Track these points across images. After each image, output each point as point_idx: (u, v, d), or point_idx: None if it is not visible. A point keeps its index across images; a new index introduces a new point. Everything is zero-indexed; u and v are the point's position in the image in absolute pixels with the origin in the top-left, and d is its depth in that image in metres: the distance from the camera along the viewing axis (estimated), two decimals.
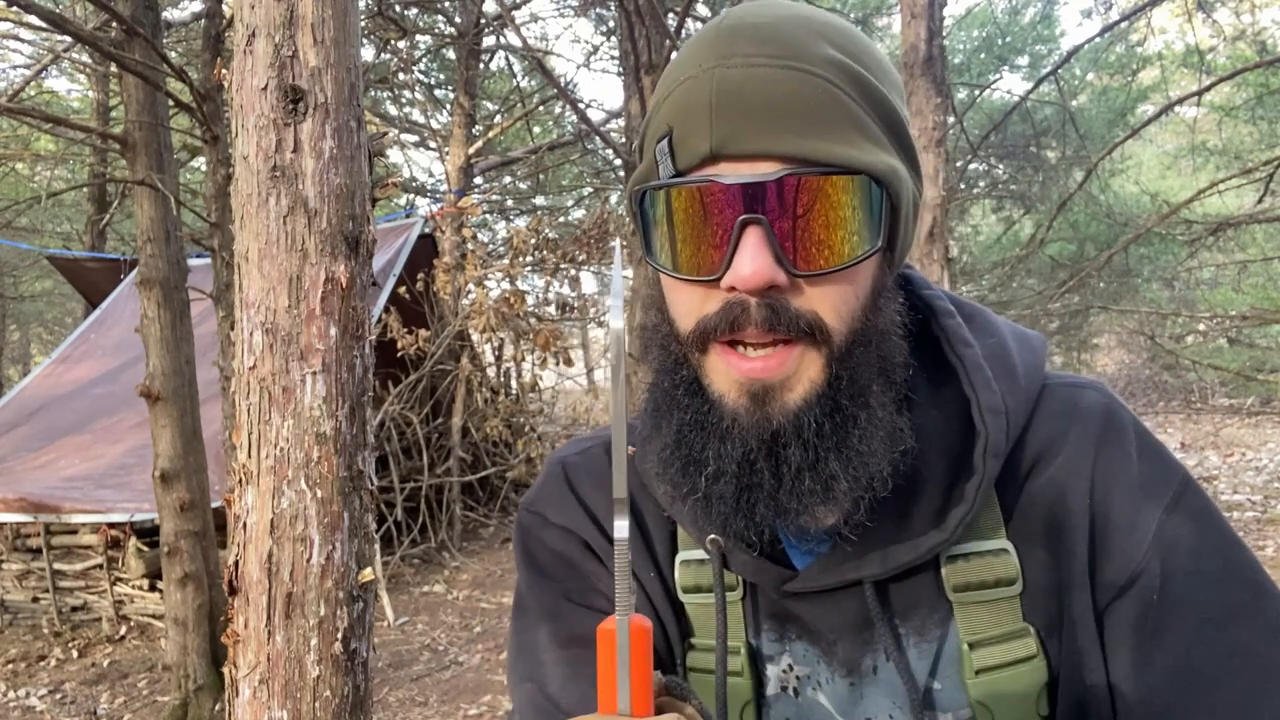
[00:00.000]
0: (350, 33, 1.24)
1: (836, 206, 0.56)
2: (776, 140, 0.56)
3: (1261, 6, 8.02)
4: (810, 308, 0.58)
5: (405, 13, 8.67)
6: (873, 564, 0.63)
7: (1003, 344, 0.66)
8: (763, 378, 0.58)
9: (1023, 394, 0.64)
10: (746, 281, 0.56)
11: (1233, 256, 9.34)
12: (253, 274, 1.20)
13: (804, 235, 0.56)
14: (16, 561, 6.29)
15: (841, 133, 0.57)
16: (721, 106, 0.56)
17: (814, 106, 0.56)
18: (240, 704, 1.21)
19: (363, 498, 1.26)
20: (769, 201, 0.56)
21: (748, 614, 0.68)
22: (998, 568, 0.62)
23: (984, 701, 0.61)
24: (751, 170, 0.56)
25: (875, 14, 10.24)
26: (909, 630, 0.64)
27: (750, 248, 0.56)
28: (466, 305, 7.75)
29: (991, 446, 0.61)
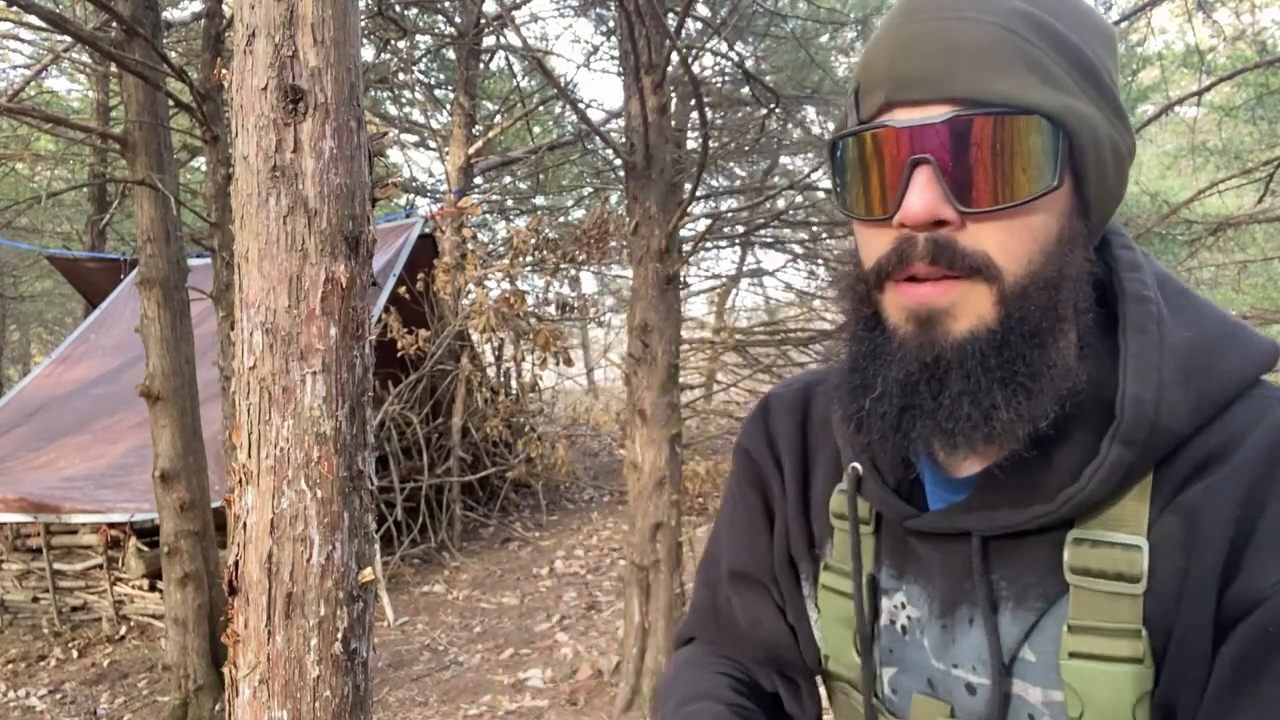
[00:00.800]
0: (350, 33, 1.24)
1: (1005, 146, 0.58)
2: (947, 85, 0.59)
3: (1261, 6, 8.02)
4: (980, 247, 0.60)
5: (405, 13, 8.67)
6: (980, 520, 0.65)
7: (1202, 339, 0.63)
8: (929, 303, 0.61)
9: (1204, 394, 0.61)
10: (914, 217, 0.59)
11: (1233, 256, 9.34)
12: (253, 274, 1.20)
13: (972, 174, 0.59)
14: (16, 561, 6.28)
15: (1014, 75, 0.59)
16: (899, 57, 0.61)
17: (986, 51, 0.59)
18: (240, 704, 1.21)
19: (363, 498, 1.26)
20: (937, 142, 0.59)
21: (877, 547, 0.73)
22: (1122, 562, 0.60)
23: (1075, 687, 0.61)
24: (924, 114, 0.60)
25: (875, 14, 10.23)
26: (1011, 594, 0.65)
27: (919, 186, 0.59)
28: (466, 305, 7.75)
29: (1123, 434, 0.60)
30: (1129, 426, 0.60)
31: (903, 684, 0.71)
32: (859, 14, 10.10)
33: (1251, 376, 0.62)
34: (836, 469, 0.78)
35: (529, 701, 4.47)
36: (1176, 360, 0.62)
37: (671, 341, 4.09)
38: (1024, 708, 0.64)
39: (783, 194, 9.69)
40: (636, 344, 4.06)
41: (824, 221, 10.00)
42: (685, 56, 3.88)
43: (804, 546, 0.79)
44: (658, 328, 4.02)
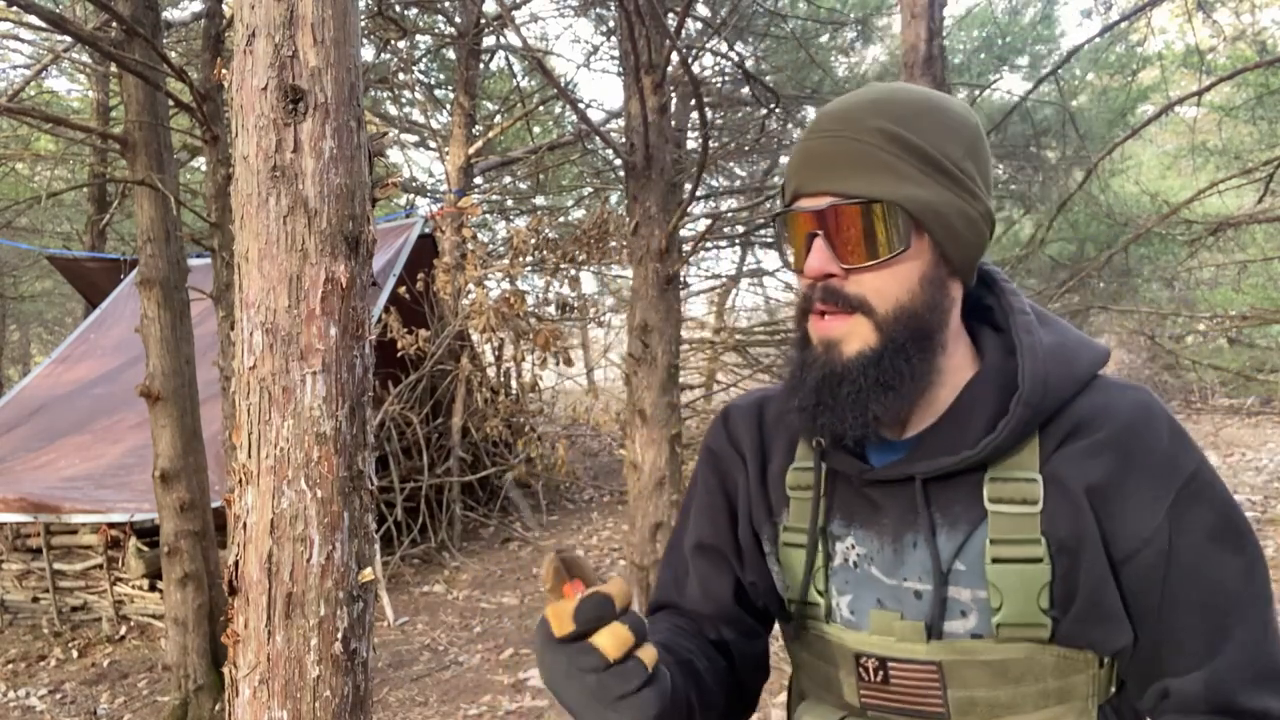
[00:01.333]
0: (350, 33, 1.24)
1: (864, 223, 0.86)
2: (827, 183, 0.87)
3: (1261, 6, 8.02)
4: (859, 291, 0.87)
5: (405, 13, 8.67)
6: (923, 466, 0.89)
7: (1064, 341, 0.90)
8: (828, 333, 0.89)
9: (1070, 376, 0.88)
10: (812, 271, 0.88)
11: (1233, 256, 9.33)
12: (253, 274, 1.20)
13: (846, 242, 0.86)
14: (16, 561, 6.29)
15: (869, 175, 0.85)
16: (801, 163, 0.90)
17: (853, 159, 0.86)
18: (240, 704, 1.21)
19: (363, 498, 1.26)
20: (822, 221, 0.87)
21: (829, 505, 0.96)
22: (1025, 491, 0.85)
23: (997, 585, 0.84)
24: (814, 203, 0.88)
25: (875, 14, 10.23)
26: (945, 521, 0.88)
27: (815, 251, 0.87)
28: (466, 305, 7.74)
29: (1025, 398, 0.85)
30: (1029, 393, 0.86)
31: (858, 605, 0.93)
32: (859, 14, 10.10)
33: (1098, 367, 0.90)
34: (789, 456, 1.01)
35: (529, 701, 4.47)
36: (1050, 354, 0.88)
37: (671, 341, 4.09)
38: (957, 605, 0.87)
39: None
40: (636, 344, 4.06)
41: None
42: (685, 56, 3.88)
43: (764, 516, 1.02)
44: (658, 328, 4.02)
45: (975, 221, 0.89)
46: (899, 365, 0.86)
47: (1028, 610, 0.83)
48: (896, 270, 0.86)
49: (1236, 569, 0.82)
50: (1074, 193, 6.81)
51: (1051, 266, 10.10)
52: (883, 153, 0.85)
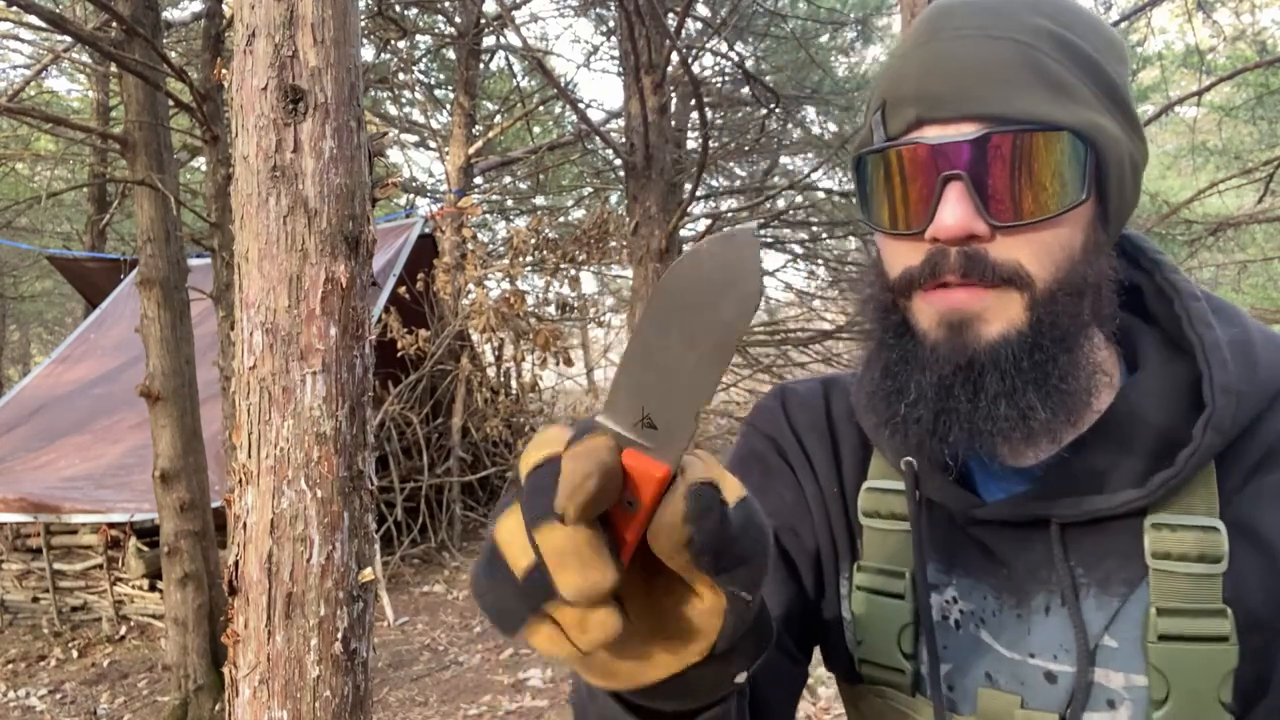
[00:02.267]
0: (350, 33, 1.24)
1: (1034, 161, 0.61)
2: (976, 102, 0.62)
3: (1261, 6, 8.02)
4: (1011, 257, 0.63)
5: (405, 13, 8.67)
6: (1066, 506, 0.66)
7: (1247, 334, 0.67)
8: (961, 308, 0.63)
9: (1260, 385, 0.65)
10: (948, 231, 0.62)
11: (1233, 256, 9.34)
12: (253, 274, 1.20)
13: (1003, 189, 0.62)
14: (16, 561, 6.29)
15: (1041, 93, 0.61)
16: (927, 75, 0.63)
17: (1014, 70, 0.61)
18: (240, 704, 1.21)
19: (363, 498, 1.26)
20: (969, 159, 0.62)
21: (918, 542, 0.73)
22: (1204, 544, 0.62)
23: (1162, 670, 0.62)
24: (954, 131, 0.62)
25: (875, 14, 10.24)
26: (1091, 581, 0.66)
27: (952, 201, 0.62)
28: (466, 305, 7.75)
29: (1215, 421, 0.62)
30: (1220, 414, 0.62)
31: (959, 680, 0.71)
32: (859, 14, 10.11)
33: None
34: (860, 470, 0.78)
35: (529, 701, 4.47)
36: (1235, 353, 0.65)
37: None
38: (1104, 694, 0.65)
39: (783, 194, 9.69)
40: None
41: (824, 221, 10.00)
42: (685, 56, 3.88)
43: (846, 543, 0.78)
44: None
45: (1139, 170, 0.67)
46: (1060, 357, 0.63)
47: (1203, 704, 0.61)
48: (1060, 231, 0.63)
49: None
50: None
51: None
52: (1054, 63, 0.62)
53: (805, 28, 9.28)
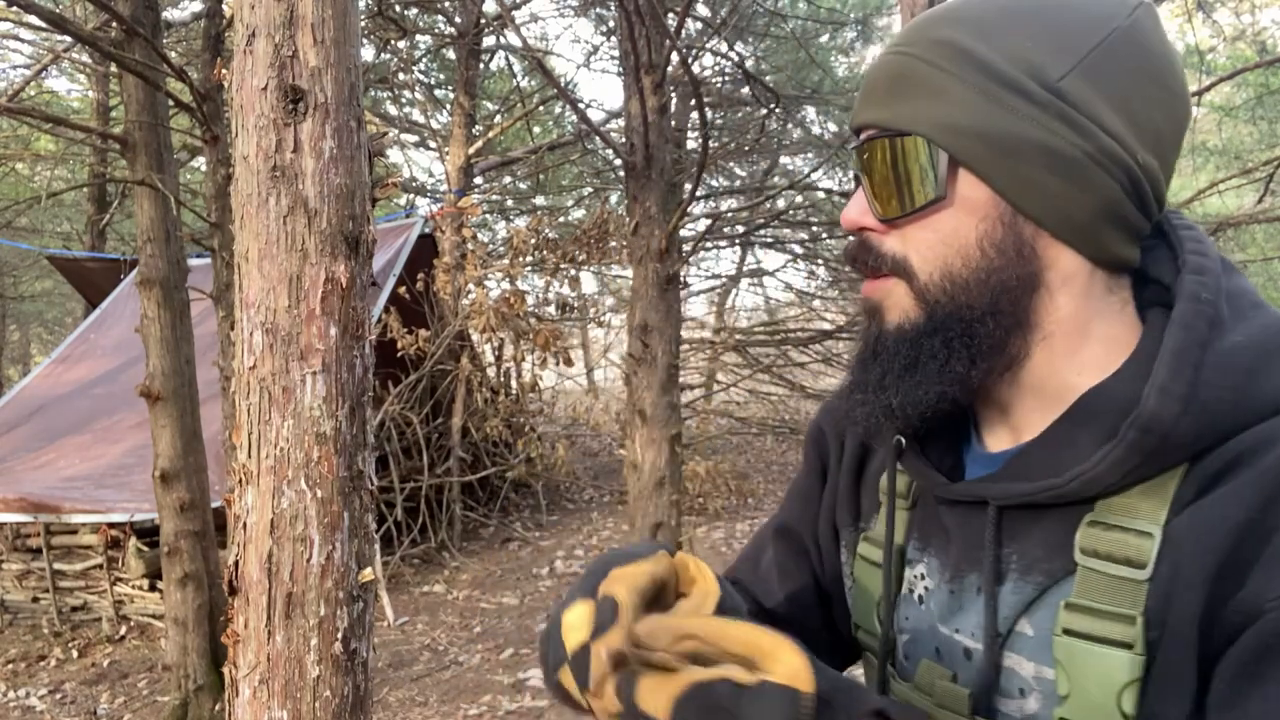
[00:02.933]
0: (350, 33, 1.24)
1: (892, 163, 0.67)
2: (870, 112, 0.69)
3: (1261, 6, 8.02)
4: (897, 249, 0.69)
5: (405, 13, 8.67)
6: (1001, 490, 0.67)
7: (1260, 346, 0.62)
8: (870, 297, 0.72)
9: (1248, 399, 0.59)
10: (845, 222, 0.72)
11: (1233, 256, 9.34)
12: (253, 274, 1.20)
13: (878, 188, 0.69)
14: (16, 561, 6.29)
15: (909, 101, 0.66)
16: (864, 86, 0.72)
17: (894, 81, 0.68)
18: (240, 704, 1.21)
19: (363, 498, 1.26)
20: (860, 160, 0.70)
21: (910, 521, 0.78)
22: (1131, 547, 0.60)
23: (1064, 664, 0.61)
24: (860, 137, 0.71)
25: (875, 14, 10.24)
26: (1017, 567, 0.66)
27: (855, 197, 0.71)
28: (466, 305, 7.75)
29: (1141, 420, 0.59)
30: (1149, 416, 0.59)
31: (914, 651, 0.74)
32: (859, 14, 10.11)
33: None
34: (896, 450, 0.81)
35: (529, 701, 4.47)
36: (1223, 361, 0.60)
37: (671, 341, 4.09)
38: (1015, 680, 0.65)
39: (783, 194, 9.69)
40: (636, 344, 4.06)
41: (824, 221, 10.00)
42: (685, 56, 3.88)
43: (850, 518, 0.84)
44: (658, 328, 4.03)
45: (1075, 164, 0.63)
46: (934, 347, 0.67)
47: (1102, 710, 0.59)
48: (941, 225, 0.67)
49: None
50: None
51: None
52: (934, 70, 0.65)
53: (805, 28, 9.28)
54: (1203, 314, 0.63)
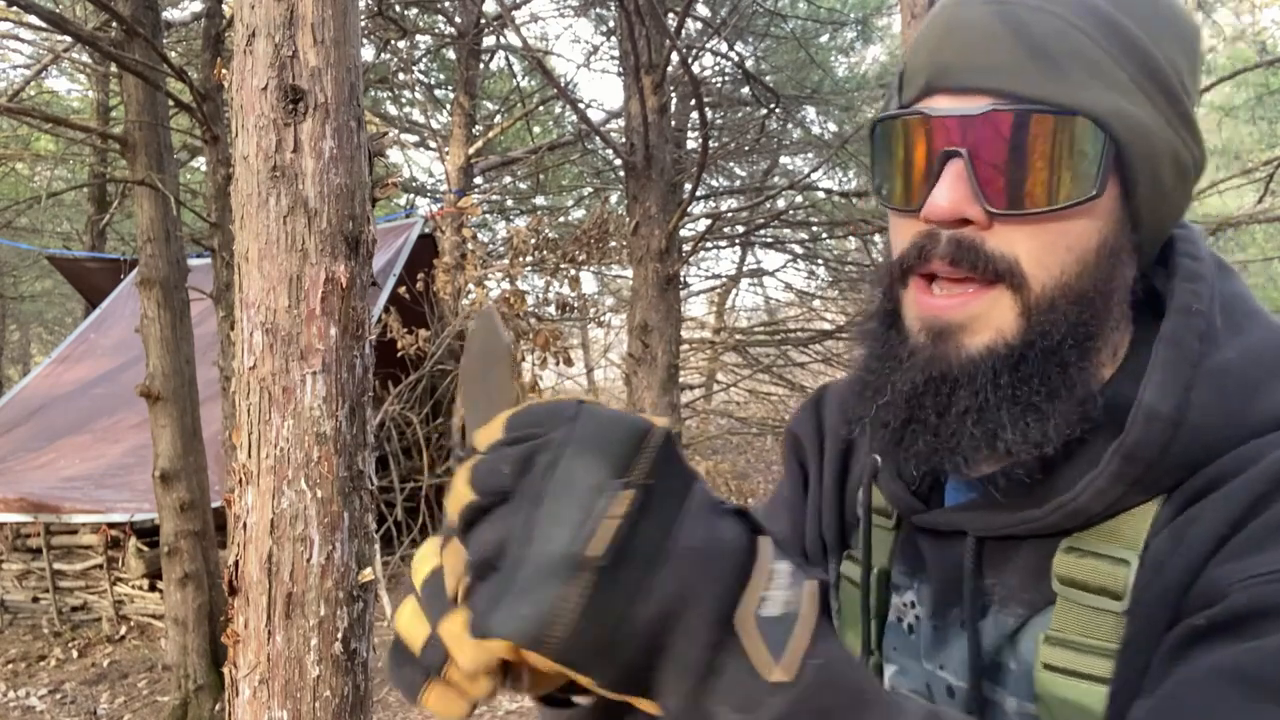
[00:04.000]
0: (350, 33, 1.24)
1: (1044, 146, 0.55)
2: (989, 75, 0.56)
3: (1261, 6, 8.02)
4: (1009, 251, 0.57)
5: (405, 13, 8.67)
6: (981, 521, 0.62)
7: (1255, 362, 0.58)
8: (943, 316, 0.59)
9: (1240, 419, 0.55)
10: (939, 212, 0.57)
11: (1233, 256, 9.35)
12: (253, 274, 1.20)
13: (1005, 173, 0.56)
14: (16, 561, 6.29)
15: (1065, 73, 0.55)
16: (944, 42, 0.58)
17: (1040, 44, 0.56)
18: (240, 704, 1.21)
19: (363, 498, 1.26)
20: (973, 135, 0.56)
21: (894, 542, 0.71)
22: (1106, 575, 0.56)
23: (1046, 701, 0.57)
24: (962, 104, 0.57)
25: (875, 14, 10.23)
26: (999, 597, 0.62)
27: (948, 181, 0.57)
28: (466, 305, 7.75)
29: (1126, 447, 0.55)
30: (1136, 442, 0.55)
31: (900, 684, 0.69)
32: (859, 14, 10.11)
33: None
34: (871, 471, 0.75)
35: (529, 701, 4.46)
36: (1215, 381, 0.56)
37: (671, 341, 4.09)
38: (1000, 716, 0.61)
39: (783, 194, 9.69)
40: (636, 344, 4.06)
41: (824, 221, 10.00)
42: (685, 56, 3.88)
43: (835, 535, 0.77)
44: (658, 328, 4.03)
45: (1186, 172, 0.60)
46: (1050, 374, 0.57)
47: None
48: (1069, 227, 0.57)
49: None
50: None
51: None
52: (1092, 44, 0.56)
53: (805, 28, 9.28)
54: (1194, 328, 0.58)
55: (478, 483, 0.40)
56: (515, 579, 0.37)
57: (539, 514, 0.38)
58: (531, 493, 0.38)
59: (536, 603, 0.37)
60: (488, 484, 0.40)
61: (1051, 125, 0.55)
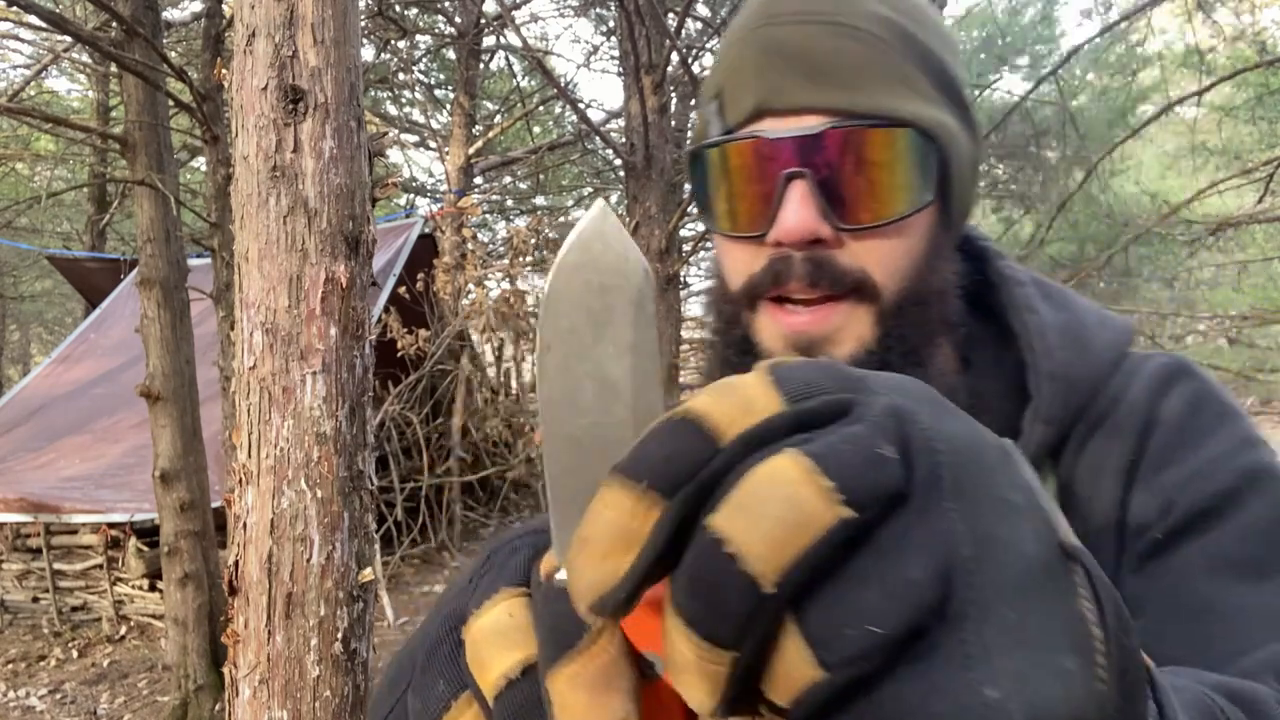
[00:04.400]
0: (350, 33, 1.24)
1: (881, 159, 0.57)
2: (821, 94, 0.57)
3: (1261, 6, 8.02)
4: (857, 264, 0.58)
5: (405, 13, 8.67)
6: None
7: (1077, 318, 0.64)
8: (808, 332, 0.58)
9: (1091, 365, 0.61)
10: (790, 234, 0.57)
11: (1233, 256, 9.34)
12: (253, 274, 1.20)
13: (849, 188, 0.57)
14: (16, 561, 6.29)
15: (886, 86, 0.57)
16: (767, 63, 0.58)
17: (858, 61, 0.57)
18: (240, 704, 1.21)
19: (363, 498, 1.26)
20: (813, 155, 0.56)
21: None
22: None
23: None
24: (797, 124, 0.57)
25: None
26: None
27: (794, 201, 0.56)
28: (466, 305, 7.75)
29: (1042, 411, 0.59)
30: (1047, 403, 0.59)
31: None
32: None
33: (1124, 349, 0.63)
34: None
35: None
36: (1065, 338, 0.62)
37: (671, 341, 4.10)
38: None
39: None
40: None
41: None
42: (685, 56, 3.88)
43: None
44: (658, 327, 4.03)
45: (977, 171, 0.64)
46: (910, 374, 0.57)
47: None
48: (908, 234, 0.59)
49: None
50: (1074, 193, 6.83)
51: (1051, 266, 10.11)
52: (898, 56, 0.58)
53: None
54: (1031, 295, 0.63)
55: (848, 480, 0.23)
56: (1004, 630, 0.23)
57: (989, 519, 0.24)
58: (953, 486, 0.24)
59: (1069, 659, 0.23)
60: (873, 481, 0.23)
61: (887, 138, 0.56)
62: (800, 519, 0.22)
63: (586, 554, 0.24)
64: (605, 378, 0.29)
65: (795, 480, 0.22)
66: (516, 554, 0.34)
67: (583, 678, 0.26)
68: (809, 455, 0.23)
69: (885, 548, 0.22)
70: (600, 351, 0.29)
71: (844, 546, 0.22)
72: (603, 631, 0.27)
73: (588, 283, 0.29)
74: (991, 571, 0.23)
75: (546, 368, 0.29)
